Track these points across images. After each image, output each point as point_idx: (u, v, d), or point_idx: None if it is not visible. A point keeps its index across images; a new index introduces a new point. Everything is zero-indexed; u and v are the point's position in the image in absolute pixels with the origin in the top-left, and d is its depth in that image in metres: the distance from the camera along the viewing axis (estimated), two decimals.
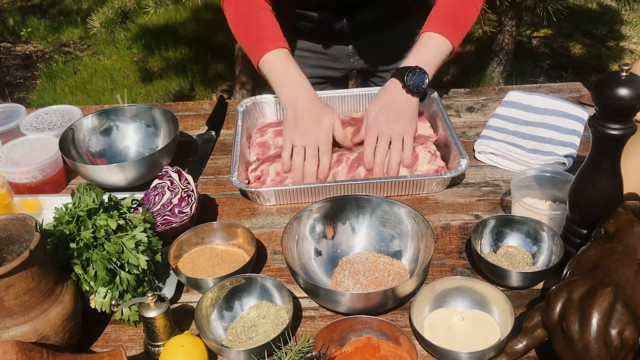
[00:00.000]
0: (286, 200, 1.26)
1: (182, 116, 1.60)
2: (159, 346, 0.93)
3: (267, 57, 1.33)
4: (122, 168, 1.26)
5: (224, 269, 1.06)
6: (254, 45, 1.37)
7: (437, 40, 1.32)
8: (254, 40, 1.37)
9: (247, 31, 1.39)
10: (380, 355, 0.89)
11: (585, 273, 0.84)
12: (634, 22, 4.59)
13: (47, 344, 0.87)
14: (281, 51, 1.34)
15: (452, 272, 1.08)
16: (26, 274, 0.84)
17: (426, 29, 1.34)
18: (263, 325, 0.96)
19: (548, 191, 1.16)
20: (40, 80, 4.29)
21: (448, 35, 1.31)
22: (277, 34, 1.37)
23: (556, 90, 1.61)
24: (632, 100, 0.83)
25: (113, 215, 0.97)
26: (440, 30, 1.32)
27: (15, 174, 1.28)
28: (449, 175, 1.22)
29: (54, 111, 1.51)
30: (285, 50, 1.35)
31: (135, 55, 4.55)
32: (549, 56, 4.20)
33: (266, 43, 1.35)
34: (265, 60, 1.34)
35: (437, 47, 1.32)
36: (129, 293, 0.97)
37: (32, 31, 4.97)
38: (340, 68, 1.62)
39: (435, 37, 1.32)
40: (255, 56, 1.35)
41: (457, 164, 1.23)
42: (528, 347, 0.87)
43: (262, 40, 1.36)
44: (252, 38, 1.38)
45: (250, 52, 1.38)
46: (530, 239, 1.08)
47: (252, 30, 1.38)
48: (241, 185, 1.23)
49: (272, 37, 1.36)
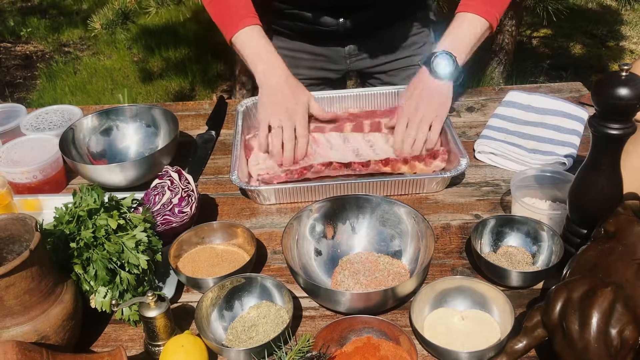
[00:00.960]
0: (286, 199, 1.26)
1: (182, 116, 1.60)
2: (159, 346, 0.93)
3: (240, 34, 1.35)
4: (122, 168, 1.26)
5: (224, 268, 1.06)
6: (227, 21, 1.38)
7: (470, 20, 1.31)
8: (226, 16, 1.39)
9: (219, 7, 1.40)
10: (380, 354, 0.89)
11: (585, 273, 0.84)
12: (634, 22, 4.59)
13: (47, 344, 0.87)
14: (254, 28, 1.36)
15: (452, 271, 1.08)
16: (26, 274, 0.84)
17: (460, 9, 1.33)
18: (263, 325, 0.96)
19: (548, 191, 1.16)
20: (40, 80, 4.29)
21: (483, 13, 1.30)
22: (249, 10, 1.38)
23: (556, 90, 1.61)
24: (632, 100, 0.83)
25: (113, 215, 0.97)
26: (474, 9, 1.31)
27: (15, 174, 1.28)
28: (448, 175, 1.22)
29: (54, 111, 1.51)
30: (257, 27, 1.37)
31: (136, 55, 4.55)
32: (549, 56, 4.20)
33: (239, 19, 1.36)
34: (239, 37, 1.36)
35: (469, 28, 1.31)
36: (129, 293, 0.97)
37: (32, 31, 4.97)
38: (336, 69, 1.61)
39: (468, 17, 1.31)
40: (228, 32, 1.37)
41: (457, 164, 1.23)
42: (528, 347, 0.87)
43: (234, 16, 1.37)
44: (225, 14, 1.39)
45: (223, 28, 1.39)
46: (530, 239, 1.08)
47: (224, 6, 1.39)
48: (241, 184, 1.23)
49: (244, 13, 1.37)
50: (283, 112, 1.32)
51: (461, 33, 1.32)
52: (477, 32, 1.32)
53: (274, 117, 1.31)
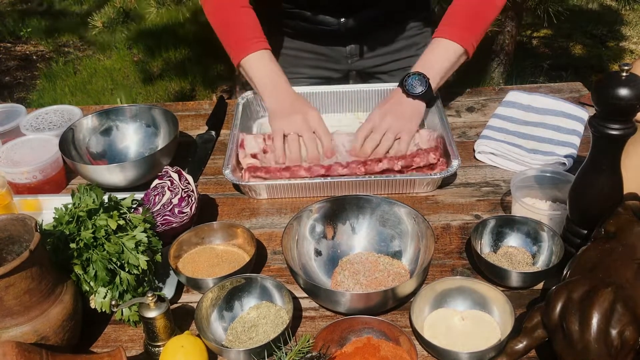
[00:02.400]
0: (278, 195, 1.26)
1: (182, 116, 1.60)
2: (159, 346, 0.93)
3: (250, 58, 1.36)
4: (122, 168, 1.26)
5: (224, 269, 1.06)
6: (236, 45, 1.38)
7: (445, 45, 1.33)
8: (235, 39, 1.38)
9: (227, 29, 1.40)
10: (380, 355, 0.89)
11: (585, 273, 0.84)
12: (634, 22, 4.59)
13: (46, 344, 0.87)
14: (264, 53, 1.36)
15: (452, 272, 1.08)
16: (26, 274, 0.83)
17: (436, 34, 1.35)
18: (263, 325, 0.96)
19: (548, 191, 1.16)
20: (40, 80, 4.29)
21: (458, 39, 1.32)
22: (258, 33, 1.38)
23: (556, 90, 1.61)
24: (632, 100, 0.83)
25: (113, 216, 0.97)
26: (449, 35, 1.33)
27: (15, 174, 1.28)
28: (439, 176, 1.22)
29: (54, 111, 1.51)
30: (267, 52, 1.37)
31: (135, 56, 4.55)
32: (549, 56, 4.20)
33: (248, 42, 1.36)
34: (248, 61, 1.36)
35: (443, 53, 1.34)
36: (129, 293, 0.97)
37: (32, 31, 4.97)
38: (338, 69, 1.61)
39: (443, 42, 1.33)
40: (237, 56, 1.37)
41: (450, 164, 1.23)
42: (528, 347, 0.87)
43: (242, 39, 1.37)
44: (233, 37, 1.39)
45: (231, 51, 1.39)
46: (530, 239, 1.08)
47: (232, 28, 1.39)
48: (233, 179, 1.23)
49: (253, 36, 1.37)
50: (298, 119, 1.30)
51: (434, 58, 1.34)
52: (450, 57, 1.34)
53: (289, 125, 1.30)
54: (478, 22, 1.36)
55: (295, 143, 1.30)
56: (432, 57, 1.34)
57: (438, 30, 1.35)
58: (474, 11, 1.35)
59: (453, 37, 1.33)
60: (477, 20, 1.36)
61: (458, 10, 1.36)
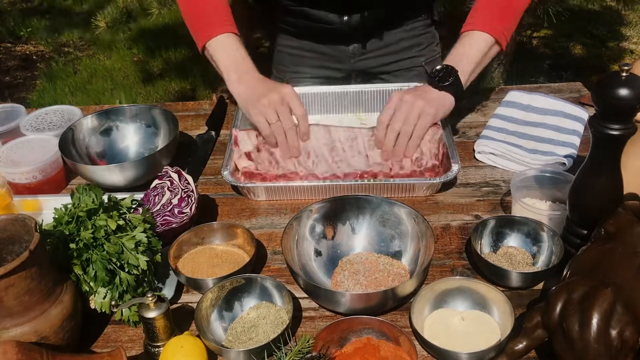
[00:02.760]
0: (277, 197, 1.26)
1: (182, 116, 1.60)
2: (159, 347, 0.93)
3: (214, 42, 1.30)
4: (122, 168, 1.26)
5: (223, 269, 1.06)
6: (201, 28, 1.32)
7: (474, 37, 1.30)
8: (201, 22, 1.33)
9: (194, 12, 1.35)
10: (380, 355, 0.89)
11: (585, 273, 0.84)
12: (634, 22, 4.59)
13: (47, 344, 0.87)
14: (229, 36, 1.31)
15: (452, 272, 1.08)
16: (26, 274, 0.83)
17: (464, 28, 1.31)
18: (263, 325, 0.96)
19: (548, 191, 1.16)
20: (40, 81, 4.29)
21: (488, 29, 1.28)
22: (227, 17, 1.33)
23: (556, 90, 1.61)
24: (632, 100, 0.83)
25: (113, 216, 0.97)
26: (478, 26, 1.29)
27: (15, 174, 1.28)
28: (438, 180, 1.21)
29: (53, 111, 1.51)
30: (233, 35, 1.32)
31: (136, 56, 4.55)
32: (549, 56, 4.20)
33: (215, 26, 1.31)
34: (212, 44, 1.30)
35: (474, 44, 1.29)
36: (129, 293, 0.97)
37: (32, 31, 4.97)
38: (341, 69, 1.61)
39: (472, 34, 1.30)
40: (201, 39, 1.31)
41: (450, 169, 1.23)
42: (528, 348, 0.87)
43: (209, 23, 1.32)
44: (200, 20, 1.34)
45: (196, 34, 1.34)
46: (530, 239, 1.08)
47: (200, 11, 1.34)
48: (231, 181, 1.23)
49: (221, 20, 1.32)
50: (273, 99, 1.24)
51: (463, 50, 1.29)
52: (481, 48, 1.29)
53: (267, 109, 1.24)
54: (508, 11, 1.31)
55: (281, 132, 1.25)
56: (461, 49, 1.30)
57: (466, 23, 1.31)
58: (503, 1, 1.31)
59: (483, 27, 1.29)
60: (507, 9, 1.31)
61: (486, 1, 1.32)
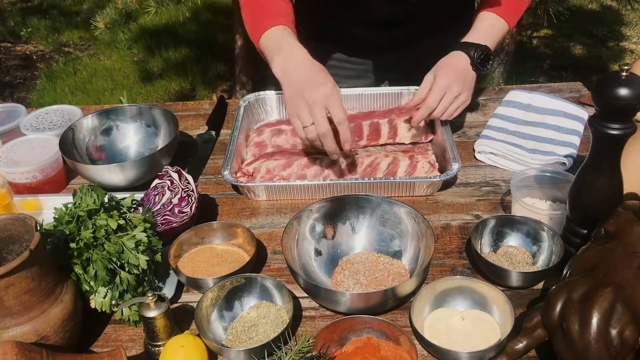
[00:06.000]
0: (277, 197, 1.26)
1: (182, 116, 1.60)
2: (159, 346, 0.93)
3: (267, 33, 1.23)
4: (122, 168, 1.26)
5: (224, 269, 1.06)
6: (256, 25, 1.26)
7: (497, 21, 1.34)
8: (257, 20, 1.27)
9: (253, 12, 1.30)
10: (380, 355, 0.89)
11: (585, 273, 0.84)
12: (634, 22, 4.59)
13: (47, 344, 0.87)
14: (285, 28, 1.23)
15: (452, 272, 1.08)
16: (26, 274, 0.83)
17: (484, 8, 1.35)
18: (263, 325, 0.96)
19: (548, 191, 1.16)
20: (40, 80, 4.29)
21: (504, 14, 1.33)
22: (284, 12, 1.27)
23: (556, 90, 1.61)
24: (632, 100, 0.83)
25: (113, 215, 0.97)
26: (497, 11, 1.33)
27: (15, 174, 1.28)
28: (439, 179, 1.21)
29: (54, 111, 1.51)
30: (287, 28, 1.23)
31: (136, 55, 4.55)
32: (549, 56, 4.20)
33: (272, 20, 1.24)
34: (265, 36, 1.23)
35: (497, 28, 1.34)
36: (129, 293, 0.97)
37: (32, 31, 4.97)
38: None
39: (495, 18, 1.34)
40: (257, 33, 1.25)
41: (450, 167, 1.23)
42: (528, 347, 0.87)
43: (265, 19, 1.25)
44: (256, 18, 1.28)
45: (252, 34, 1.27)
46: (530, 239, 1.08)
47: (258, 10, 1.29)
48: (232, 180, 1.23)
49: (276, 15, 1.25)
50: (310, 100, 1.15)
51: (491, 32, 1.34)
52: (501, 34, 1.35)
53: (302, 111, 1.15)
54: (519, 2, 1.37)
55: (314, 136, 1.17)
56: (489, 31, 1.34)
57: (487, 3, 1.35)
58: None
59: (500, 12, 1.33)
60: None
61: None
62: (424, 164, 1.27)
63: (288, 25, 1.24)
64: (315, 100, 1.14)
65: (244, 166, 1.31)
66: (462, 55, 1.31)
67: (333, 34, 1.52)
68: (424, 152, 1.31)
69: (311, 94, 1.15)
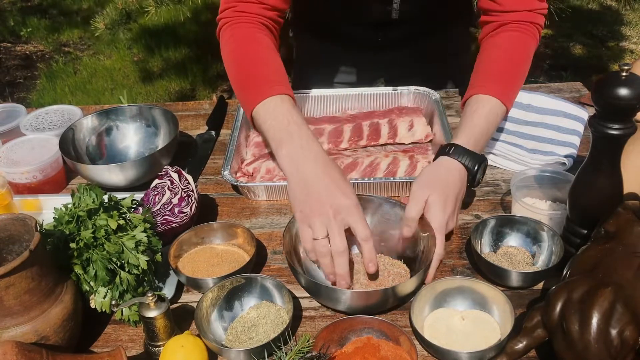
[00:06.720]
0: (277, 197, 1.26)
1: (182, 116, 1.60)
2: (159, 346, 0.93)
3: (264, 104, 1.08)
4: (122, 168, 1.26)
5: (224, 269, 1.06)
6: (251, 91, 1.12)
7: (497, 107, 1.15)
8: (251, 87, 1.13)
9: (244, 74, 1.15)
10: (380, 355, 0.89)
11: (585, 273, 0.84)
12: (634, 22, 4.59)
13: (47, 344, 0.87)
14: (284, 98, 1.09)
15: (452, 272, 1.08)
16: (26, 274, 0.83)
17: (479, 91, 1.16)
18: (263, 325, 0.96)
19: (548, 191, 1.16)
20: (40, 80, 4.29)
21: (501, 96, 1.14)
22: (281, 77, 1.13)
23: (556, 90, 1.61)
24: (632, 100, 0.83)
25: (113, 215, 0.97)
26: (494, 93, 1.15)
27: (15, 174, 1.28)
28: None
29: (54, 111, 1.51)
30: (288, 97, 1.10)
31: (136, 55, 4.55)
32: (549, 56, 4.20)
33: (267, 87, 1.10)
34: (261, 107, 1.09)
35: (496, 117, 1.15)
36: (129, 293, 0.97)
37: (32, 31, 4.97)
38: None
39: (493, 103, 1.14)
40: (251, 103, 1.10)
41: None
42: (528, 347, 0.87)
43: (260, 85, 1.11)
44: (250, 83, 1.14)
45: (246, 100, 1.13)
46: (530, 239, 1.08)
47: (250, 74, 1.15)
48: (232, 180, 1.23)
49: (275, 80, 1.12)
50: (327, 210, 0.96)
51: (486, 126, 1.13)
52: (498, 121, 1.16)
53: (316, 219, 0.96)
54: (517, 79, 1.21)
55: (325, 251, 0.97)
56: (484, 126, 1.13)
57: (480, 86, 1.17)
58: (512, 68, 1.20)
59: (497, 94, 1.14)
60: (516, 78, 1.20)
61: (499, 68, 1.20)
62: (424, 164, 1.27)
63: (288, 94, 1.11)
64: (337, 211, 0.96)
65: (244, 166, 1.31)
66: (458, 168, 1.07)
67: (330, 31, 1.52)
68: (424, 152, 1.31)
69: (332, 201, 0.96)
